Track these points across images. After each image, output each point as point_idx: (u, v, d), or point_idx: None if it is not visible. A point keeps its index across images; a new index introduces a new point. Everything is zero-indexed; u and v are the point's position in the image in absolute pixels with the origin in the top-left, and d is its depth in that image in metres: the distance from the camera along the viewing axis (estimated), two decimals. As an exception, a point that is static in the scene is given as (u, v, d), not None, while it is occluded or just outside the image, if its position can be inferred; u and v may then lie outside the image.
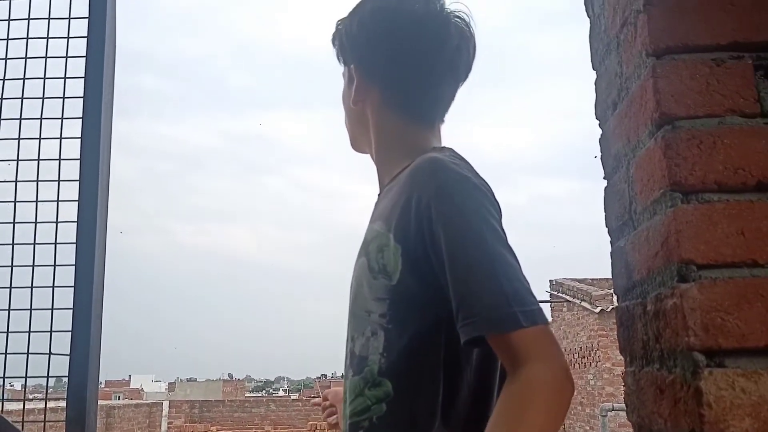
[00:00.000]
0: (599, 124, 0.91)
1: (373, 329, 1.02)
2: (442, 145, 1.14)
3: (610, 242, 0.90)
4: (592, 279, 14.43)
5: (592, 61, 0.93)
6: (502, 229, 0.95)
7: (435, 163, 0.98)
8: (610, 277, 0.90)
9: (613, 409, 8.92)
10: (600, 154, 0.91)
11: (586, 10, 0.96)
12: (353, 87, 1.16)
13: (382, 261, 1.01)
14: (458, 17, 1.12)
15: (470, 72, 1.16)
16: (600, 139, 0.91)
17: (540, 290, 16.00)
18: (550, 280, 15.70)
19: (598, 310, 12.45)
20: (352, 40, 1.16)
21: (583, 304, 13.19)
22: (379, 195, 1.17)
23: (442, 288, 0.93)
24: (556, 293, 15.14)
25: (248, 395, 39.71)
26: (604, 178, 0.90)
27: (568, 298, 14.20)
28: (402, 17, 1.11)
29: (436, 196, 0.94)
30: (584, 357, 13.37)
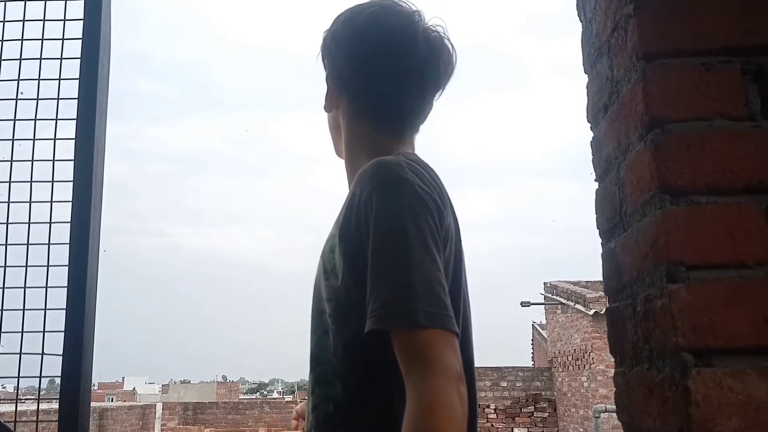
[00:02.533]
0: (590, 127, 0.92)
1: (324, 329, 1.03)
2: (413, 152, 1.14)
3: (601, 244, 0.90)
4: (587, 281, 14.47)
5: (583, 64, 0.94)
6: (438, 239, 0.94)
7: (377, 164, 0.99)
8: (603, 278, 0.91)
9: (606, 411, 8.95)
10: (591, 156, 0.92)
11: (578, 15, 0.97)
12: (326, 94, 1.19)
13: (333, 262, 1.02)
14: (433, 31, 1.13)
15: (442, 85, 1.16)
16: (591, 141, 0.92)
17: (535, 292, 16.02)
18: (544, 283, 15.73)
19: (592, 312, 12.47)
20: (326, 49, 1.19)
21: (577, 306, 13.22)
22: None
23: None
24: (550, 295, 15.17)
25: (242, 397, 39.61)
26: (596, 181, 0.91)
27: (562, 300, 14.23)
28: (370, 29, 1.13)
29: (372, 195, 0.95)
30: (578, 359, 13.40)
